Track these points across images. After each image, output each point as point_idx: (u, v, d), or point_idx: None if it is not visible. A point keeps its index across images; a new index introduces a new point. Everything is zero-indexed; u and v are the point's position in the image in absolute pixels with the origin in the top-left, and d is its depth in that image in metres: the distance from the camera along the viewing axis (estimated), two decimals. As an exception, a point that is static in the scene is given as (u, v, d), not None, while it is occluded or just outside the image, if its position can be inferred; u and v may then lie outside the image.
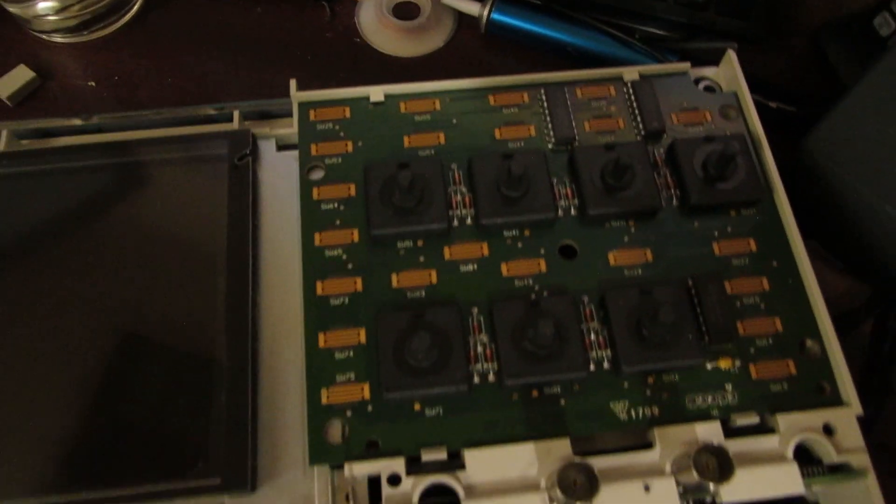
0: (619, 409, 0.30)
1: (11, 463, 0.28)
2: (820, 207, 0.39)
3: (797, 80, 0.47)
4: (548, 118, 0.37)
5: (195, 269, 0.32)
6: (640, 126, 0.37)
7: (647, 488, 0.28)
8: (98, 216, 0.34)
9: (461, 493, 0.28)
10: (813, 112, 0.40)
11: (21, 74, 0.44)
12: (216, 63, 0.46)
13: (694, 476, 0.27)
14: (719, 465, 0.27)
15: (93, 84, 0.45)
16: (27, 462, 0.28)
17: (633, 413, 0.30)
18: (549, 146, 0.36)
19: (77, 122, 0.37)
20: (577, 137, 0.36)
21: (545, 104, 0.37)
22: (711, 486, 0.27)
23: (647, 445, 0.30)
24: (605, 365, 0.31)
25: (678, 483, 0.28)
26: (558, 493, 0.26)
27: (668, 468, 0.29)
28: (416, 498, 0.28)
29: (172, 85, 0.45)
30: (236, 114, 0.37)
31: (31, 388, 0.29)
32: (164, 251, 0.33)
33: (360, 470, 0.29)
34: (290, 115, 0.37)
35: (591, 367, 0.31)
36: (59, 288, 0.32)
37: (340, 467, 0.30)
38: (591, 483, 0.26)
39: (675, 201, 0.35)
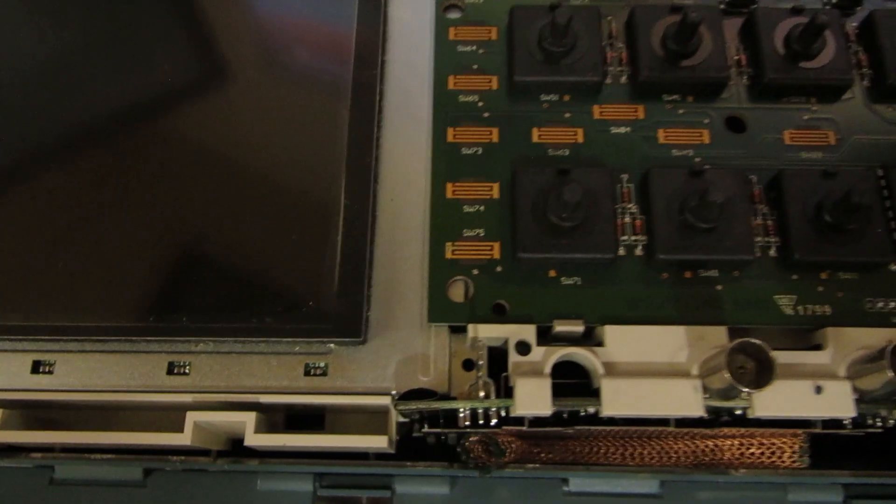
0: (785, 302, 0.26)
1: (126, 298, 0.25)
2: None
3: None
4: (724, -26, 0.31)
5: (318, 100, 0.29)
6: (833, -10, 0.31)
7: (818, 389, 0.24)
8: (218, 42, 0.31)
9: (600, 369, 0.24)
10: None
11: None
12: None
13: (878, 382, 0.23)
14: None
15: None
16: (144, 290, 0.25)
17: (800, 309, 0.26)
18: (721, 5, 0.31)
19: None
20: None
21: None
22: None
23: (815, 347, 0.26)
24: (773, 252, 0.27)
25: (855, 389, 0.24)
26: (724, 376, 0.22)
27: (842, 371, 0.24)
28: (548, 368, 0.24)
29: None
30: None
31: (150, 222, 0.27)
32: (287, 81, 0.29)
33: (484, 332, 0.25)
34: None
35: (757, 252, 0.26)
36: (179, 122, 0.29)
37: (460, 329, 0.26)
38: (765, 368, 0.22)
39: (866, 81, 0.30)
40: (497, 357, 0.26)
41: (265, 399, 0.25)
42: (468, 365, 0.26)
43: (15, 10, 0.31)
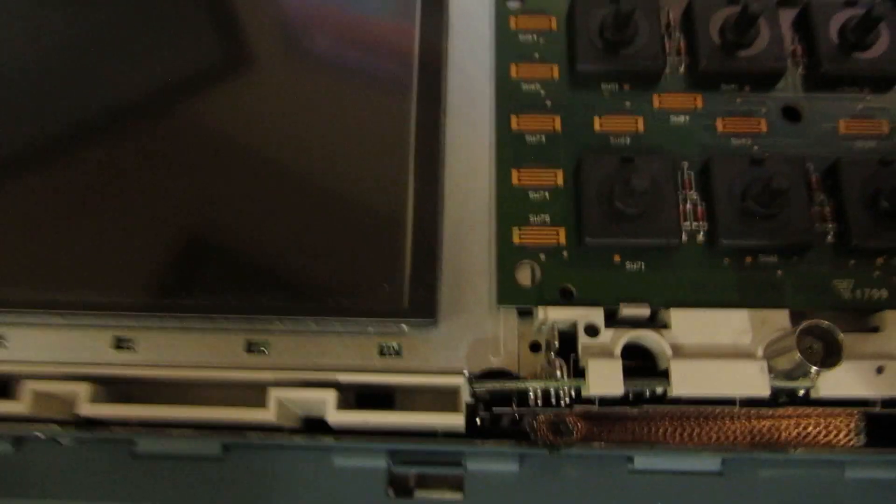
0: (843, 286, 0.27)
1: (205, 277, 0.26)
2: None
3: None
4: (777, -35, 0.32)
5: (385, 91, 0.29)
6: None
7: (879, 370, 0.24)
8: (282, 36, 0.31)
9: (668, 351, 0.25)
10: None
11: None
12: None
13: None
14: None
15: None
16: (225, 270, 0.26)
17: (857, 293, 0.27)
18: (778, -3, 0.31)
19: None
20: (812, -13, 0.31)
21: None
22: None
23: (872, 330, 0.26)
24: (830, 238, 0.27)
25: (916, 371, 0.24)
26: (795, 356, 0.22)
27: (902, 354, 0.25)
28: (618, 350, 0.25)
29: None
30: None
31: (234, 207, 0.27)
32: (351, 64, 0.30)
33: (554, 315, 0.26)
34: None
35: (816, 238, 0.27)
36: (247, 105, 0.29)
37: (527, 313, 0.27)
38: (832, 349, 0.23)
39: (920, 71, 0.30)
40: (562, 341, 0.26)
41: (342, 378, 0.25)
42: (535, 347, 0.27)
43: None
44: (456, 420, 0.25)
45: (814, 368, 0.22)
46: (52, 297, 0.26)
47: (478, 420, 0.27)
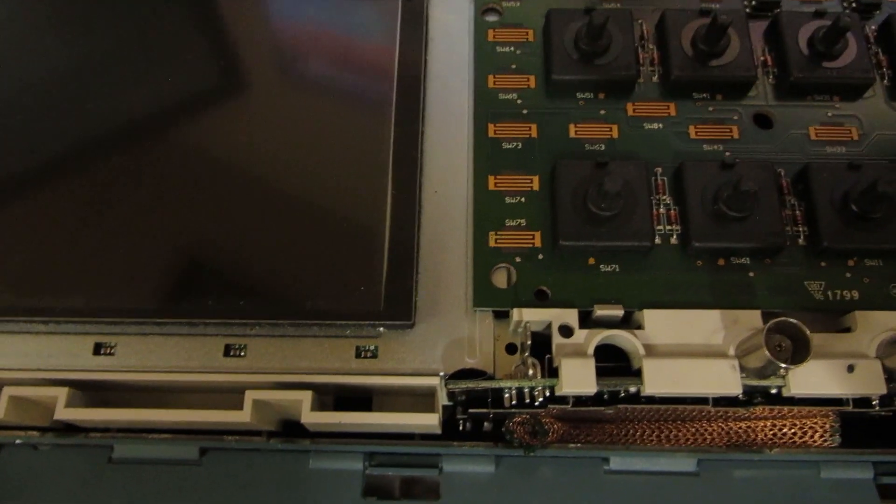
0: (815, 288, 0.27)
1: (186, 283, 0.26)
2: None
3: None
4: (748, -21, 0.32)
5: (365, 102, 0.30)
6: (853, -5, 0.32)
7: (850, 368, 0.25)
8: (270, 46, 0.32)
9: (641, 350, 0.25)
10: None
11: None
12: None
13: (909, 362, 0.24)
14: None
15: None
16: (202, 276, 0.26)
17: (829, 294, 0.27)
18: (747, 9, 0.32)
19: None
20: (781, 2, 0.32)
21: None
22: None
23: (844, 331, 0.26)
24: (801, 241, 0.27)
25: (885, 368, 0.25)
26: (763, 353, 0.23)
27: (871, 352, 0.25)
28: (591, 350, 0.25)
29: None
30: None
31: (210, 214, 0.27)
32: (333, 82, 0.30)
33: (529, 316, 0.26)
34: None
35: (787, 240, 0.27)
36: (237, 116, 0.30)
37: (503, 315, 0.27)
38: (801, 346, 0.23)
39: (886, 80, 0.31)
40: (538, 342, 0.26)
41: (319, 380, 0.25)
42: (511, 349, 0.27)
43: (53, 19, 0.32)
44: (430, 420, 0.25)
45: (783, 365, 0.22)
46: (33, 305, 0.26)
47: (459, 423, 0.27)
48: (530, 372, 0.24)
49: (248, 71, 0.31)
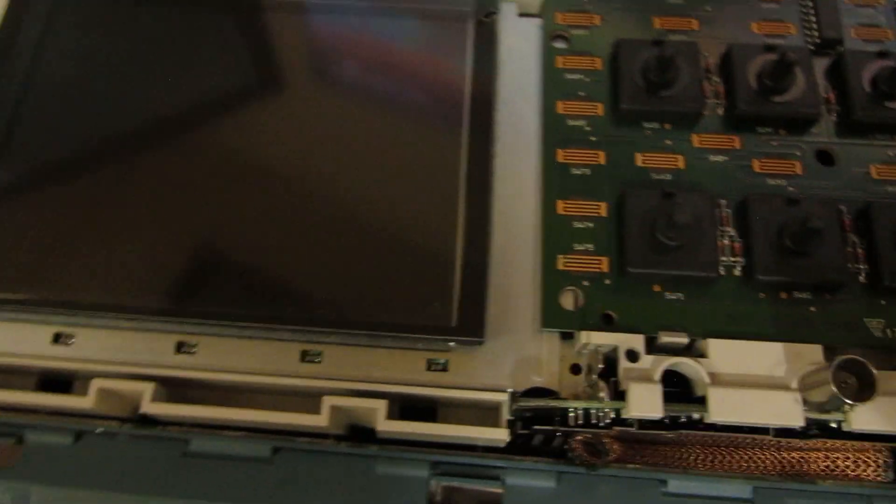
0: (874, 325, 0.27)
1: (267, 290, 0.27)
2: None
3: None
4: (812, 17, 0.33)
5: (436, 121, 0.30)
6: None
7: (913, 406, 0.25)
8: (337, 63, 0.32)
9: (706, 378, 0.25)
10: None
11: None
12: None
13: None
14: None
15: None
16: (280, 290, 0.27)
17: (888, 332, 0.27)
18: (810, 46, 0.32)
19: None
20: (845, 39, 0.32)
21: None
22: None
23: (903, 368, 0.26)
24: (862, 278, 0.28)
25: (947, 408, 0.25)
26: (830, 389, 0.23)
27: (933, 391, 0.25)
28: (657, 375, 0.25)
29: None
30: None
31: (294, 224, 0.28)
32: (404, 100, 0.31)
33: (596, 340, 0.26)
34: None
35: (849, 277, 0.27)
36: (315, 136, 0.30)
37: (569, 336, 0.27)
38: (866, 384, 0.23)
39: (953, 124, 0.31)
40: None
41: (391, 389, 0.26)
42: (575, 369, 0.27)
43: (94, 19, 0.32)
44: (499, 434, 0.25)
45: (849, 402, 0.23)
46: (121, 302, 0.27)
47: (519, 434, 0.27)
48: (600, 394, 0.25)
49: (322, 90, 0.32)
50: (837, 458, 0.27)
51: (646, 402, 0.24)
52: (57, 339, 0.28)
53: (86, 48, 0.32)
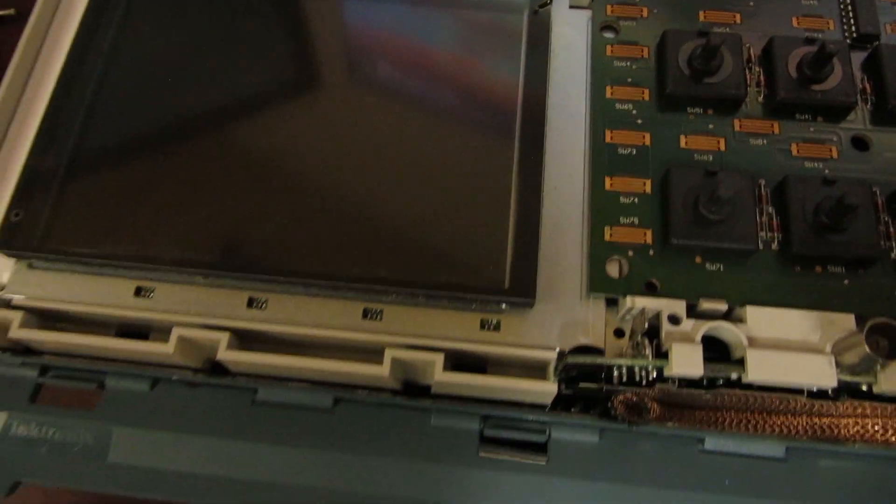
0: (905, 299, 0.28)
1: (333, 250, 0.29)
2: None
3: None
4: (850, 13, 0.34)
5: (492, 101, 0.32)
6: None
7: (942, 372, 0.26)
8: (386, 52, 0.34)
9: (744, 341, 0.27)
10: None
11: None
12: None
13: None
14: None
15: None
16: (345, 250, 0.29)
17: (920, 305, 0.28)
18: (848, 40, 0.34)
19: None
20: (881, 35, 0.33)
21: (849, -2, 0.34)
22: None
23: (932, 339, 0.28)
24: (894, 255, 0.29)
25: (972, 376, 0.26)
26: (863, 349, 0.24)
27: (959, 360, 0.26)
28: (698, 337, 0.27)
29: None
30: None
31: (357, 189, 0.30)
32: (463, 89, 0.33)
33: (640, 304, 0.28)
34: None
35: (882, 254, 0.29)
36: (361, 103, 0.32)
37: (613, 303, 0.29)
38: (896, 345, 0.24)
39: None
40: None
41: (447, 345, 0.28)
42: (619, 333, 0.29)
43: (154, 15, 0.35)
44: (547, 388, 0.27)
45: (880, 360, 0.24)
46: (199, 259, 0.29)
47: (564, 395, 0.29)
48: (645, 351, 0.26)
49: (386, 75, 0.34)
50: (868, 423, 0.28)
51: (687, 361, 0.26)
52: (139, 292, 0.30)
53: (157, 38, 0.34)
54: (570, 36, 0.35)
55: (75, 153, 0.31)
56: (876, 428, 0.28)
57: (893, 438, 0.28)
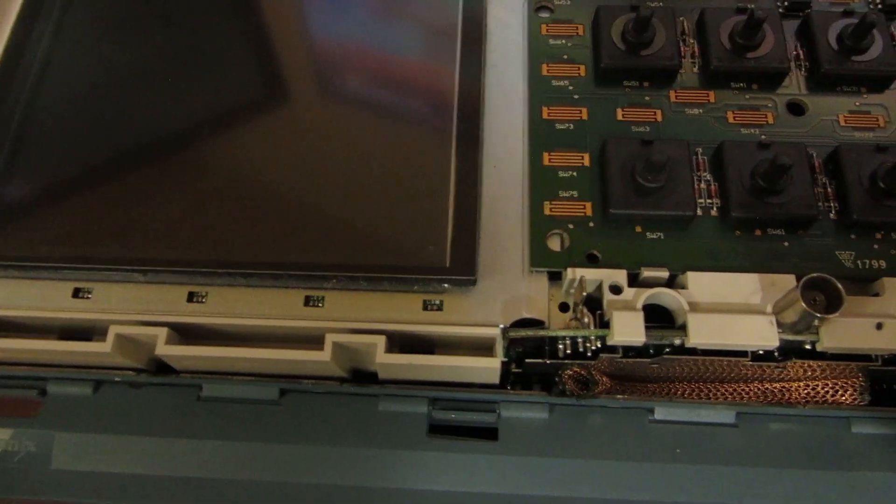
0: (845, 257, 0.28)
1: (270, 240, 0.28)
2: None
3: None
4: (783, -20, 0.34)
5: (430, 83, 0.32)
6: (881, -2, 0.33)
7: (879, 326, 0.26)
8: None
9: (685, 306, 0.26)
10: None
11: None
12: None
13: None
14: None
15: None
16: (282, 239, 0.28)
17: (858, 263, 0.28)
18: (780, 9, 0.34)
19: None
20: (811, 2, 0.33)
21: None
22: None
23: (873, 296, 0.28)
24: (832, 215, 0.29)
25: (910, 328, 0.26)
26: (800, 305, 0.24)
27: (899, 313, 0.26)
28: (640, 304, 0.26)
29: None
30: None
31: (293, 177, 0.30)
32: (396, 76, 0.32)
33: (582, 275, 0.27)
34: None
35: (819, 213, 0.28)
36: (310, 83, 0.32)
37: (556, 278, 0.29)
38: (834, 300, 0.24)
39: (911, 74, 0.32)
40: (588, 301, 0.28)
41: (390, 328, 0.27)
42: (563, 308, 0.28)
43: (114, 28, 0.34)
44: (492, 364, 0.26)
45: (818, 315, 0.24)
46: (136, 256, 0.28)
47: (511, 377, 0.28)
48: (585, 320, 0.26)
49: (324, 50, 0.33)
50: (817, 385, 0.28)
51: (628, 328, 0.25)
52: (77, 293, 0.29)
53: (107, 54, 0.33)
54: (506, 17, 0.35)
55: (9, 158, 0.30)
56: (826, 389, 0.28)
57: (843, 398, 0.27)
